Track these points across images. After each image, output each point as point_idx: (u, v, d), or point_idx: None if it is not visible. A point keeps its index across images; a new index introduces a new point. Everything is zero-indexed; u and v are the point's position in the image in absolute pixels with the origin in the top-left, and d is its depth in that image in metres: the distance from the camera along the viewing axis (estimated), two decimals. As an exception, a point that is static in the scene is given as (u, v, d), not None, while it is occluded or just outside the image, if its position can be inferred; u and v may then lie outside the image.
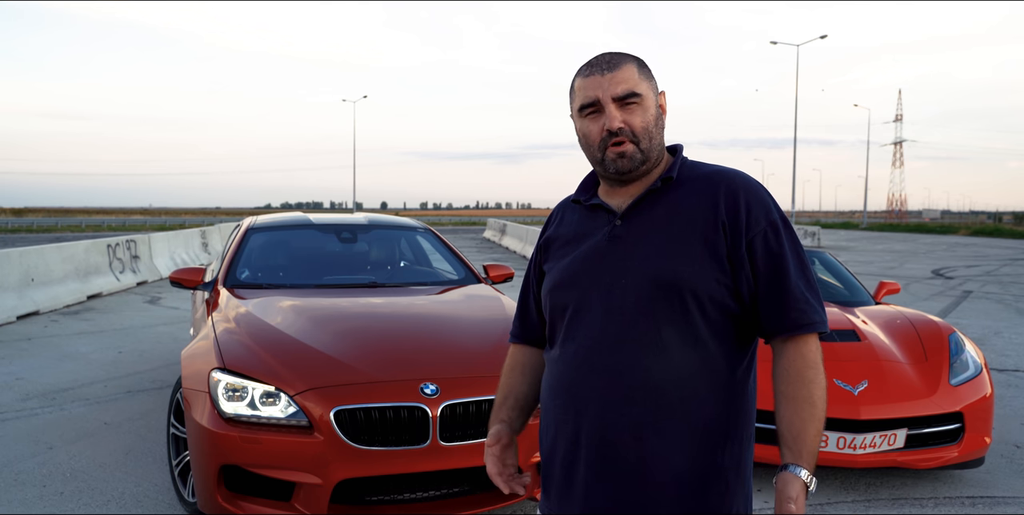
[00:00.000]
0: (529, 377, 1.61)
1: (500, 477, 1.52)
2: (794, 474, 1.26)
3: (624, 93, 1.35)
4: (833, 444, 3.41)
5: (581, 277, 1.40)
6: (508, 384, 1.62)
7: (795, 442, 1.29)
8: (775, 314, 1.34)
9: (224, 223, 24.04)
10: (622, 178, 1.41)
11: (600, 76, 1.36)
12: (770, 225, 1.35)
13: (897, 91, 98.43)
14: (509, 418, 1.58)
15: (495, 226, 29.76)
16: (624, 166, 1.37)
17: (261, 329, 3.29)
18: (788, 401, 1.31)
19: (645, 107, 1.37)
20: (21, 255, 9.08)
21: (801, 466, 1.27)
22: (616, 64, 1.37)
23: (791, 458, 1.28)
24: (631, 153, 1.36)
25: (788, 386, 1.32)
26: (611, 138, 1.36)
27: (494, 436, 1.54)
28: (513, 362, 1.64)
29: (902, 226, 50.36)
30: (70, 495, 3.41)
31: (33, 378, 5.63)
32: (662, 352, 1.32)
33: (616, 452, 1.33)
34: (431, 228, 5.29)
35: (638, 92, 1.36)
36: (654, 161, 1.41)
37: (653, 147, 1.39)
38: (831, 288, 5.07)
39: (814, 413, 1.30)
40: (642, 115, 1.37)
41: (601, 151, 1.38)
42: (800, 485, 1.25)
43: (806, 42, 36.79)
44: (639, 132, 1.36)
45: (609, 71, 1.36)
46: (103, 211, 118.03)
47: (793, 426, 1.30)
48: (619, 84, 1.35)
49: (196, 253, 16.04)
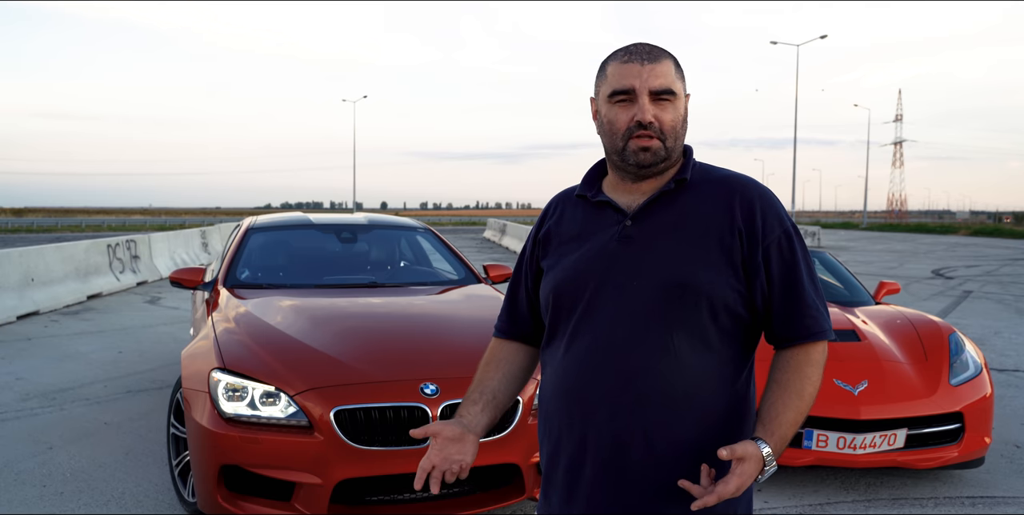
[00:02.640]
0: (503, 373, 1.54)
1: (422, 472, 1.36)
2: (756, 443, 1.23)
3: (661, 88, 1.32)
4: (833, 444, 3.41)
5: (589, 277, 1.37)
6: (479, 379, 1.53)
7: (771, 422, 1.28)
8: (787, 321, 1.34)
9: (224, 223, 24.03)
10: (639, 173, 1.38)
11: (640, 65, 1.33)
12: (784, 233, 1.35)
13: (897, 91, 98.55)
14: (469, 414, 1.46)
15: (495, 226, 29.77)
16: (645, 160, 1.35)
17: (261, 329, 3.29)
18: (778, 387, 1.31)
19: (676, 106, 1.35)
20: (21, 255, 9.08)
21: (767, 442, 1.25)
22: (657, 57, 1.34)
23: (760, 432, 1.27)
24: (656, 149, 1.34)
25: (782, 375, 1.32)
26: (638, 129, 1.33)
27: (425, 430, 1.38)
28: (490, 357, 1.57)
29: (902, 226, 50.36)
30: (70, 495, 3.41)
31: (33, 378, 5.63)
32: (673, 356, 1.31)
33: (625, 455, 1.33)
34: (431, 228, 5.29)
35: (674, 90, 1.34)
36: (673, 161, 1.39)
37: (676, 147, 1.37)
38: (831, 288, 5.06)
39: (798, 404, 1.29)
40: (673, 113, 1.35)
41: (624, 140, 1.35)
42: (756, 452, 1.21)
43: (806, 42, 36.85)
44: (667, 130, 1.34)
45: (650, 62, 1.33)
46: (103, 211, 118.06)
47: (774, 408, 1.29)
48: (658, 78, 1.32)
49: (196, 253, 16.04)
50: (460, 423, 1.43)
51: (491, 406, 1.49)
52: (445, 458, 1.38)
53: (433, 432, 1.38)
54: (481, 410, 1.48)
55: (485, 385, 1.52)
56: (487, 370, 1.55)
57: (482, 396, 1.49)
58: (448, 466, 1.37)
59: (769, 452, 1.24)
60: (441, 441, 1.38)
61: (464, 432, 1.41)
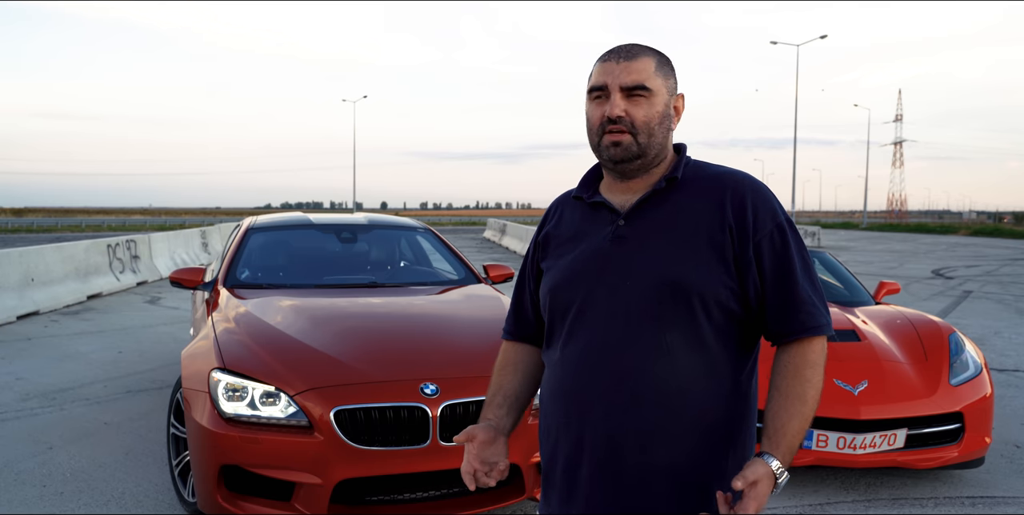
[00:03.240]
0: (521, 375, 1.57)
1: (467, 475, 1.44)
2: (764, 461, 1.23)
3: (632, 84, 1.34)
4: (833, 444, 3.41)
5: (583, 277, 1.38)
6: (498, 382, 1.57)
7: (775, 433, 1.27)
8: (782, 317, 1.33)
9: (224, 223, 24.03)
10: (616, 168, 1.40)
11: (615, 64, 1.36)
12: (777, 227, 1.34)
13: (897, 91, 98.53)
14: (496, 417, 1.51)
15: (495, 226, 29.76)
16: (617, 155, 1.36)
17: (261, 329, 3.29)
18: (779, 395, 1.31)
19: (652, 102, 1.36)
20: (21, 255, 9.08)
21: (774, 456, 1.25)
22: (634, 55, 1.37)
23: (767, 446, 1.27)
24: (627, 143, 1.35)
25: (783, 381, 1.32)
26: (609, 124, 1.35)
27: (465, 434, 1.44)
28: (505, 360, 1.60)
29: (902, 226, 50.35)
30: (70, 495, 3.41)
31: (33, 378, 5.63)
32: (667, 356, 1.31)
33: (621, 455, 1.33)
34: (431, 228, 5.29)
35: (648, 86, 1.35)
36: (652, 158, 1.39)
37: (652, 144, 1.37)
38: (831, 288, 5.07)
39: (802, 410, 1.29)
40: (647, 109, 1.35)
41: (598, 136, 1.38)
42: (766, 471, 1.22)
43: (806, 42, 36.83)
44: (639, 125, 1.35)
45: (625, 60, 1.36)
46: (103, 211, 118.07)
47: (778, 418, 1.29)
48: (630, 74, 1.35)
49: (196, 253, 16.04)
50: (491, 426, 1.48)
51: (514, 408, 1.55)
52: (483, 461, 1.44)
53: (471, 435, 1.44)
54: (506, 413, 1.53)
55: (506, 389, 1.56)
56: (504, 374, 1.58)
57: (506, 399, 1.54)
58: (488, 469, 1.44)
59: (779, 465, 1.23)
60: (478, 445, 1.44)
61: (496, 434, 1.47)
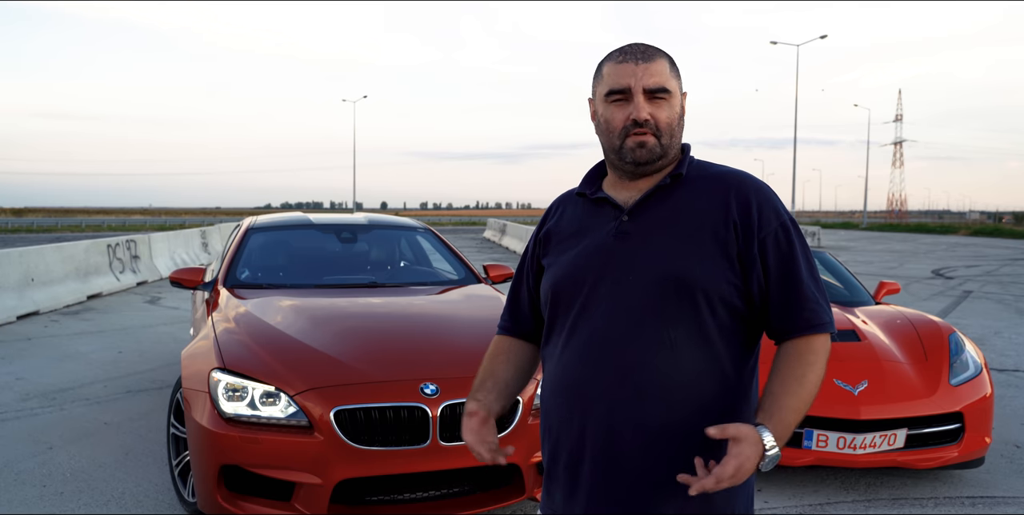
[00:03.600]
0: (513, 366, 1.57)
1: (481, 446, 1.45)
2: (753, 426, 1.22)
3: (655, 87, 1.35)
4: (833, 444, 3.41)
5: (586, 273, 1.39)
6: (489, 368, 1.57)
7: (771, 406, 1.27)
8: (786, 314, 1.33)
9: (224, 223, 24.03)
10: (636, 170, 1.40)
11: (634, 65, 1.36)
12: (781, 226, 1.35)
13: (897, 91, 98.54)
14: (485, 399, 1.51)
15: (495, 226, 29.77)
16: (642, 157, 1.37)
17: (261, 329, 3.29)
18: (779, 376, 1.31)
19: (671, 104, 1.38)
20: (21, 255, 9.08)
21: (766, 426, 1.23)
22: (651, 56, 1.37)
23: (760, 418, 1.26)
24: (651, 145, 1.36)
25: (784, 364, 1.32)
26: (635, 127, 1.36)
27: (468, 411, 1.47)
28: (497, 349, 1.60)
29: (902, 226, 50.35)
30: (70, 495, 3.41)
31: (33, 378, 5.63)
32: (670, 351, 1.31)
33: (623, 451, 1.33)
34: (431, 228, 5.29)
35: (668, 88, 1.36)
36: (670, 158, 1.41)
37: (673, 144, 1.39)
38: (831, 288, 5.07)
39: (798, 390, 1.28)
40: (668, 111, 1.37)
41: (621, 139, 1.38)
42: (751, 433, 1.20)
43: (806, 42, 36.85)
44: (663, 127, 1.36)
45: (644, 61, 1.36)
46: (103, 211, 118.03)
47: (772, 394, 1.29)
48: (652, 76, 1.35)
49: (196, 253, 16.04)
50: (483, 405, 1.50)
51: (503, 395, 1.55)
52: (483, 438, 1.46)
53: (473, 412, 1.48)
54: (496, 398, 1.53)
55: (497, 375, 1.56)
56: (495, 362, 1.58)
57: (495, 385, 1.55)
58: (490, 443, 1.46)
59: (770, 437, 1.21)
60: (476, 422, 1.47)
61: (488, 414, 1.49)
